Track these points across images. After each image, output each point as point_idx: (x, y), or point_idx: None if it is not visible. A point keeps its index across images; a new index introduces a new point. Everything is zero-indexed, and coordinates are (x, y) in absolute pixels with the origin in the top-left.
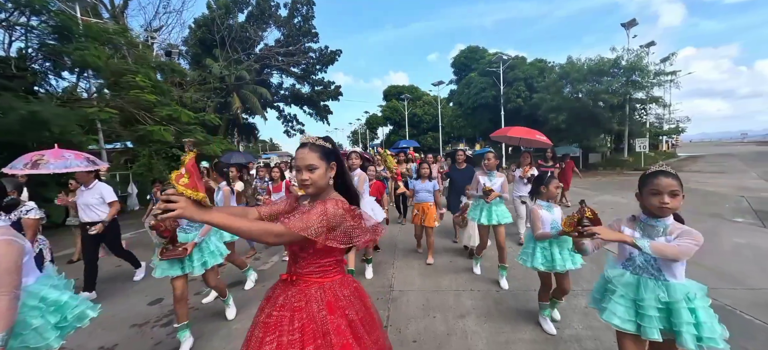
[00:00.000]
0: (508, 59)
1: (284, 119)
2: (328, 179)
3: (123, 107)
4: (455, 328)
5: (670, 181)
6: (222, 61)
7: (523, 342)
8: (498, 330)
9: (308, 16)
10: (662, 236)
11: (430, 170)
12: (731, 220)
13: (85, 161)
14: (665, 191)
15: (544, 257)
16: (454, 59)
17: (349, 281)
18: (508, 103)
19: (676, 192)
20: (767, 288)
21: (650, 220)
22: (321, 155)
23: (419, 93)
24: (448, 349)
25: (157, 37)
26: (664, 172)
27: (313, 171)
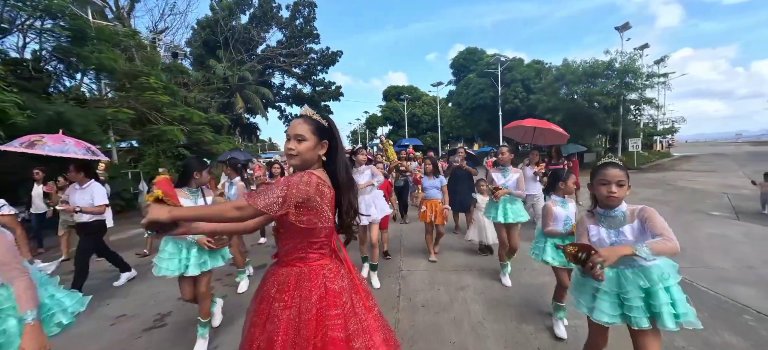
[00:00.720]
0: (506, 61)
1: (285, 118)
2: (317, 156)
3: (135, 107)
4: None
5: (617, 171)
6: (225, 62)
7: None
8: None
9: (310, 17)
10: (627, 225)
11: (434, 166)
12: (709, 214)
13: (84, 150)
14: (612, 180)
15: (555, 251)
16: (452, 60)
17: (339, 272)
18: (506, 103)
19: (622, 182)
20: (725, 267)
21: (608, 212)
22: (313, 128)
23: (418, 93)
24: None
25: (162, 38)
26: (612, 163)
27: (300, 142)
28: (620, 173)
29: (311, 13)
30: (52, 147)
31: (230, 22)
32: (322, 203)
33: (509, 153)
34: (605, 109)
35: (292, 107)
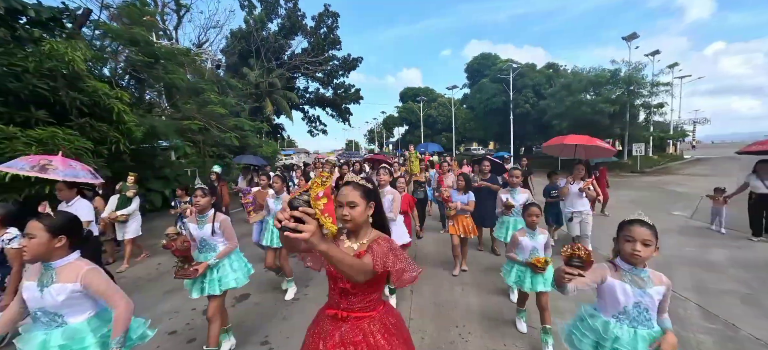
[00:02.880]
0: (518, 67)
1: (308, 119)
2: (367, 217)
3: (197, 117)
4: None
5: (645, 231)
6: (257, 69)
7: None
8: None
9: (333, 26)
10: (655, 287)
11: (466, 182)
12: (670, 212)
13: (89, 174)
14: (638, 239)
15: (517, 276)
16: (467, 65)
17: (391, 309)
18: (517, 108)
19: (648, 242)
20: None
21: (635, 271)
22: (362, 194)
23: (434, 95)
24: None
25: (203, 50)
26: (641, 221)
27: (353, 208)
28: (648, 232)
29: (334, 22)
30: (64, 172)
31: (262, 33)
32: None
33: (520, 177)
34: (611, 115)
35: (315, 108)
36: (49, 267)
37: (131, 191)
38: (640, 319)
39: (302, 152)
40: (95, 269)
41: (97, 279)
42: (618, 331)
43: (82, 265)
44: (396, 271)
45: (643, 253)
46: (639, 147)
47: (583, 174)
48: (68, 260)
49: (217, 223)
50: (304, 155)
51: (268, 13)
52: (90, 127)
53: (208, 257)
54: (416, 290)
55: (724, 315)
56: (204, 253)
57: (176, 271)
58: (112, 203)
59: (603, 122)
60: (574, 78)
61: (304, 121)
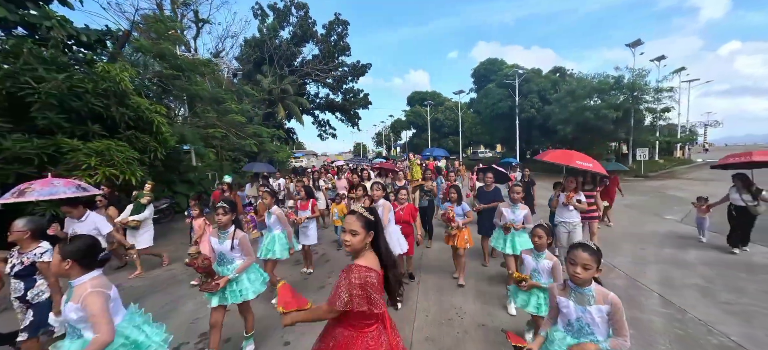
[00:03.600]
0: (524, 73)
1: (318, 124)
2: (366, 244)
3: (218, 125)
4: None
5: (586, 256)
6: (270, 76)
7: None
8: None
9: (342, 34)
10: (595, 306)
11: (458, 195)
12: (663, 217)
13: (74, 188)
14: (579, 263)
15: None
16: (474, 70)
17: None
18: (523, 113)
19: (588, 266)
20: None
21: (579, 289)
22: (363, 224)
23: (441, 99)
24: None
25: (221, 60)
26: (585, 246)
27: (354, 236)
28: (588, 257)
29: (344, 30)
30: (40, 191)
31: (274, 41)
32: (372, 291)
33: (521, 192)
34: (615, 121)
35: (325, 113)
36: (70, 284)
37: (145, 198)
38: (583, 332)
39: (311, 154)
40: (96, 293)
41: (92, 303)
42: (566, 341)
43: (87, 287)
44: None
45: (582, 275)
46: (643, 152)
47: (574, 186)
48: (81, 280)
49: (236, 240)
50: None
51: (280, 22)
52: (135, 138)
53: (226, 269)
54: (422, 296)
55: (679, 302)
56: (222, 266)
57: (201, 285)
58: (127, 210)
59: (606, 128)
60: (579, 84)
61: (315, 125)
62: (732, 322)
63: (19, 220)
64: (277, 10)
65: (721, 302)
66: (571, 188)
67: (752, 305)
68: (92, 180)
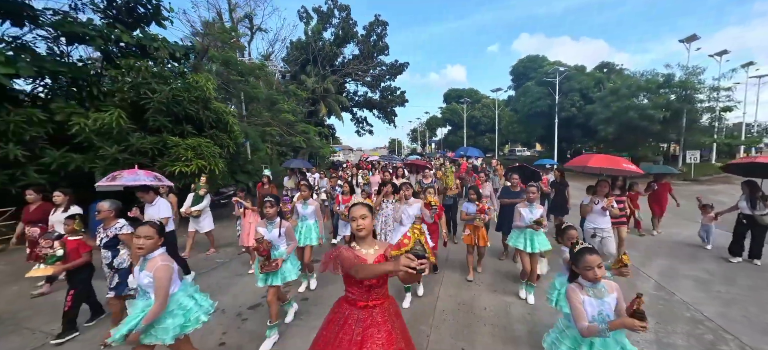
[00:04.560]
0: (565, 70)
1: (356, 120)
2: (372, 227)
3: (272, 123)
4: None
5: (595, 257)
6: (313, 76)
7: None
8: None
9: (382, 34)
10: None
11: (477, 195)
12: (694, 220)
13: (152, 178)
14: (594, 265)
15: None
16: (512, 67)
17: (393, 300)
18: (562, 112)
19: (600, 265)
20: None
21: (593, 285)
22: (368, 210)
23: (478, 96)
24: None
25: (272, 63)
26: (589, 250)
27: (364, 219)
28: (597, 257)
29: (383, 30)
30: (127, 178)
31: (318, 43)
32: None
33: (537, 193)
34: (664, 121)
35: (363, 111)
36: (145, 257)
37: (203, 189)
38: (607, 321)
39: (347, 149)
40: (165, 267)
41: (160, 275)
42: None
43: (158, 261)
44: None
45: (600, 273)
46: (693, 154)
47: (606, 191)
48: (153, 255)
49: (282, 229)
50: (348, 152)
51: (323, 24)
52: (216, 136)
53: (273, 254)
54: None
55: (671, 288)
56: (275, 251)
57: (262, 266)
58: (188, 201)
59: (652, 128)
60: (623, 83)
61: (352, 121)
62: (713, 304)
63: (104, 202)
64: (320, 12)
65: (712, 291)
66: (604, 192)
67: (740, 295)
68: (188, 168)
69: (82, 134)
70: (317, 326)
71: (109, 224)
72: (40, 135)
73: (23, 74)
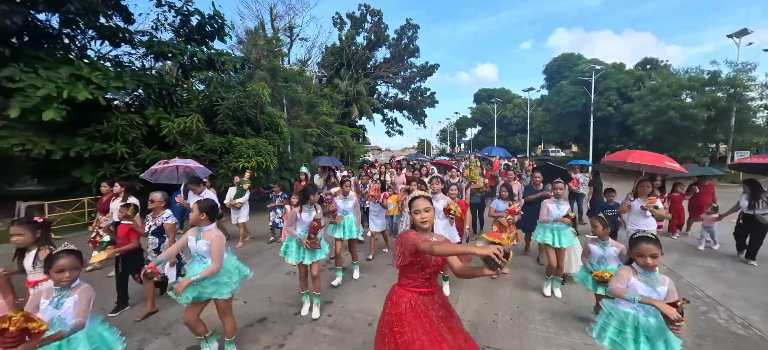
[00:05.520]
0: (602, 69)
1: (387, 121)
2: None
3: (311, 125)
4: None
5: (650, 246)
6: (346, 79)
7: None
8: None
9: (412, 37)
10: (660, 286)
11: (510, 194)
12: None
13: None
14: (647, 254)
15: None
16: (545, 66)
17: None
18: (598, 111)
19: (655, 255)
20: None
21: (646, 273)
22: (430, 203)
23: (510, 95)
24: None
25: (309, 69)
26: (646, 238)
27: (428, 212)
28: (653, 247)
29: (414, 33)
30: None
31: (351, 48)
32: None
33: (564, 189)
34: (710, 120)
35: (393, 111)
36: (200, 229)
37: (246, 184)
38: (651, 310)
39: (375, 149)
40: (219, 236)
41: (216, 244)
42: (639, 319)
43: (214, 232)
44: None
45: (652, 263)
46: (743, 155)
47: (649, 191)
48: (210, 227)
49: (318, 212)
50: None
51: (356, 29)
52: (269, 136)
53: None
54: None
55: (680, 273)
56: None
57: (307, 242)
58: (231, 193)
59: (695, 128)
60: (664, 81)
61: (383, 122)
62: (716, 287)
63: (157, 193)
64: (353, 18)
65: (721, 277)
66: (646, 193)
67: (745, 282)
68: (249, 164)
69: (169, 135)
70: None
71: (158, 214)
72: (138, 136)
73: (129, 87)
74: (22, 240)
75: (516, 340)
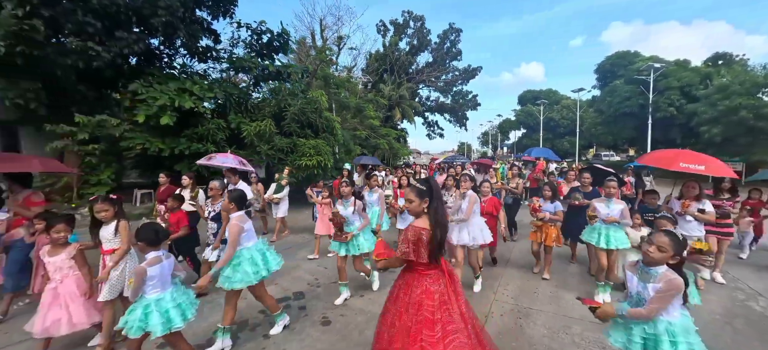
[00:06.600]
0: (662, 67)
1: (427, 124)
2: (423, 209)
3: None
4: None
5: (665, 240)
6: (390, 84)
7: None
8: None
9: (455, 41)
10: (653, 283)
11: (552, 192)
12: None
13: (236, 162)
14: (654, 242)
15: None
16: (598, 65)
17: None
18: (658, 112)
19: (663, 249)
20: None
21: (646, 268)
22: (416, 194)
23: (557, 97)
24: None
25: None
26: (668, 232)
27: (410, 203)
28: (666, 241)
29: (457, 37)
30: (219, 159)
31: (394, 54)
32: (421, 245)
33: (616, 188)
34: None
35: (435, 115)
36: (229, 217)
37: (285, 180)
38: (640, 305)
39: (414, 152)
40: (235, 225)
41: (232, 230)
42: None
43: (233, 220)
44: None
45: (654, 255)
46: None
47: (696, 192)
48: (235, 215)
49: (356, 207)
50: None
51: (399, 34)
52: (327, 138)
53: (348, 229)
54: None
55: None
56: (346, 226)
57: (335, 235)
58: (271, 189)
59: None
60: (735, 78)
61: (424, 125)
62: (761, 281)
63: (215, 181)
64: (396, 24)
65: (766, 273)
66: (692, 195)
67: None
68: (310, 162)
69: (247, 136)
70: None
71: (216, 201)
72: (223, 137)
73: (219, 97)
74: (106, 215)
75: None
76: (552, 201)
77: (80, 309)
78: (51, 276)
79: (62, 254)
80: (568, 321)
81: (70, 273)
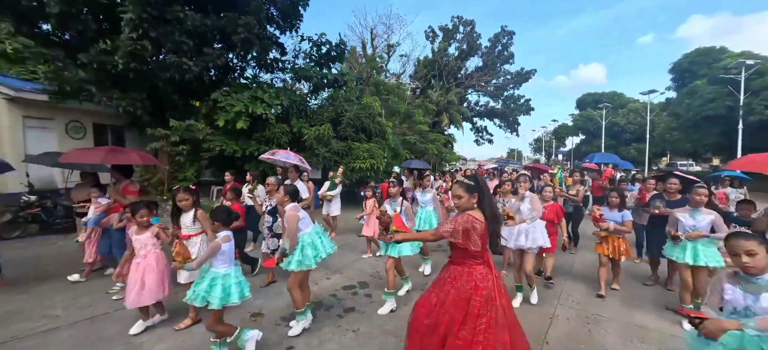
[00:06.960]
0: (757, 63)
1: (476, 130)
2: (472, 204)
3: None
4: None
5: (744, 242)
6: (438, 90)
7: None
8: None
9: (507, 44)
10: (765, 293)
11: (620, 199)
12: None
13: (298, 160)
14: (741, 251)
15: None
16: (673, 65)
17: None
18: (750, 115)
19: (752, 252)
20: None
21: (751, 278)
22: (465, 189)
23: (622, 100)
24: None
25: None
26: (743, 234)
27: (459, 199)
28: (748, 243)
29: (509, 40)
30: (282, 155)
31: (443, 60)
32: (474, 233)
33: (704, 196)
34: None
35: (484, 120)
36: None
37: (338, 178)
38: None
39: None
40: (291, 215)
41: (289, 219)
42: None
43: (288, 211)
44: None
45: (752, 262)
46: None
47: None
48: (289, 206)
49: (402, 207)
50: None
51: (448, 40)
52: (379, 142)
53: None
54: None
55: None
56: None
57: (380, 235)
58: (325, 186)
59: None
60: None
61: (472, 131)
62: None
63: (272, 177)
64: (446, 30)
65: None
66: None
67: None
68: (364, 164)
69: (308, 140)
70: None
71: (273, 195)
72: (286, 141)
73: (284, 104)
74: (186, 204)
75: None
76: (620, 209)
77: (153, 283)
78: (136, 252)
79: (147, 233)
80: (643, 332)
81: (152, 250)
